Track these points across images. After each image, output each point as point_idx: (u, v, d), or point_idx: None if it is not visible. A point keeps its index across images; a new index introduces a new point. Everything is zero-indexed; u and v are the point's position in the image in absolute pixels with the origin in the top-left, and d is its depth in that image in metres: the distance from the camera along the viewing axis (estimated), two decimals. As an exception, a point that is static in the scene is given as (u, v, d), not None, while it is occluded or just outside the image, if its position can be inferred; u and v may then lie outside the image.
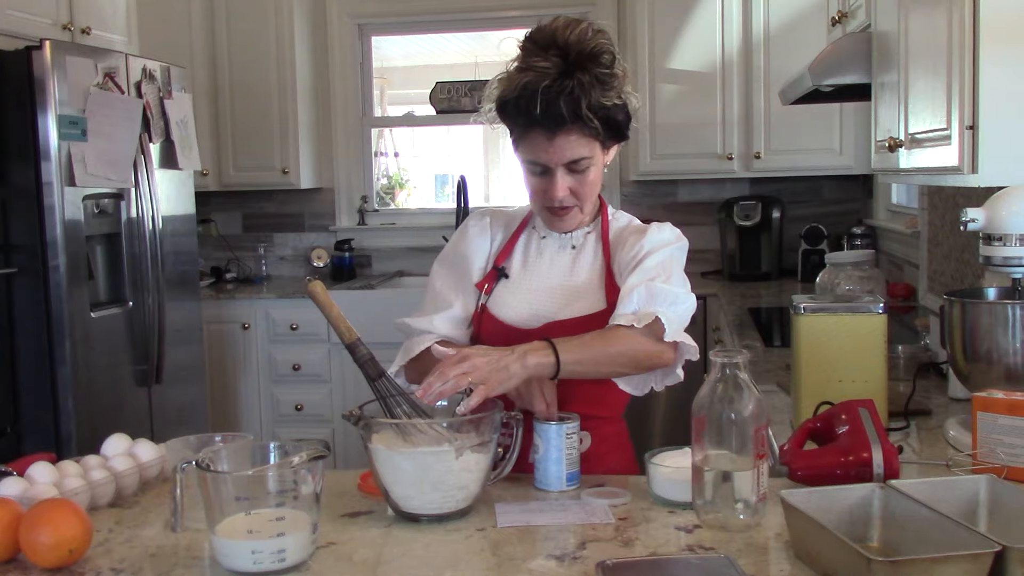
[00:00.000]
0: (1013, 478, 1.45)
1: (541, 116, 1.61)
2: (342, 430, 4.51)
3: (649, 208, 5.01)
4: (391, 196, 5.59)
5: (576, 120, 1.62)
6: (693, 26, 4.53)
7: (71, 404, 3.34)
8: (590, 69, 1.62)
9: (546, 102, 1.60)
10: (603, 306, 1.74)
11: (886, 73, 2.21)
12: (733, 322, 3.48)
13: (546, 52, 1.62)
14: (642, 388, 1.72)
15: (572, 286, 1.78)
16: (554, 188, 1.69)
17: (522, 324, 1.75)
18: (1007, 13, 1.59)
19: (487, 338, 1.76)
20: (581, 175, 1.70)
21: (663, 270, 1.70)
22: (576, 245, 1.82)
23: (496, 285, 1.81)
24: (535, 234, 1.85)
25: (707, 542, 1.34)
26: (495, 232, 1.88)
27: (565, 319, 1.73)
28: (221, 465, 1.35)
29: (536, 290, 1.79)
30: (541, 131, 1.64)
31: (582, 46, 1.62)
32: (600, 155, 1.72)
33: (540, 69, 1.61)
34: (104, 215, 3.57)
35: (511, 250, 1.84)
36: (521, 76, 1.63)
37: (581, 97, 1.61)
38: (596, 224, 1.83)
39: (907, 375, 2.25)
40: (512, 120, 1.69)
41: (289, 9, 4.80)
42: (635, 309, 1.64)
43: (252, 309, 4.66)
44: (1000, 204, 1.68)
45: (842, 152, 4.45)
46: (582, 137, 1.65)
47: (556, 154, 1.66)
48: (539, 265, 1.82)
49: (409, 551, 1.34)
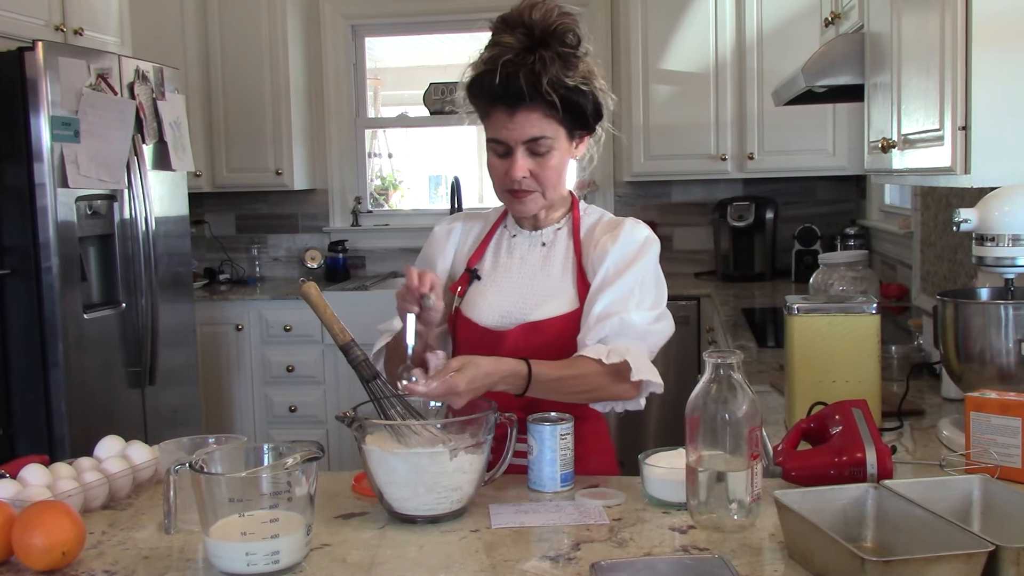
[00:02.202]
0: (1006, 478, 1.46)
1: (501, 89, 1.64)
2: (336, 431, 4.51)
3: (643, 209, 5.01)
4: (385, 197, 5.59)
5: (536, 96, 1.65)
6: (686, 27, 4.54)
7: (64, 406, 3.33)
8: (553, 46, 1.66)
9: (506, 75, 1.63)
10: (575, 306, 1.76)
11: (879, 74, 2.21)
12: (727, 322, 3.48)
13: (513, 30, 1.67)
14: (602, 408, 1.79)
15: (543, 286, 1.79)
16: (514, 168, 1.71)
17: (495, 326, 1.77)
18: (999, 14, 1.59)
19: (463, 341, 1.79)
20: (542, 158, 1.71)
21: (638, 289, 1.72)
22: (547, 242, 1.83)
23: (469, 287, 1.83)
24: (506, 233, 1.87)
25: (701, 543, 1.34)
26: (466, 234, 1.90)
27: (537, 320, 1.75)
28: (215, 467, 1.35)
29: (507, 291, 1.80)
30: (502, 107, 1.67)
31: (546, 24, 1.66)
32: (564, 142, 1.73)
33: (504, 44, 1.65)
34: (97, 216, 3.56)
35: (484, 251, 1.86)
36: (487, 52, 1.69)
37: (542, 72, 1.63)
38: (567, 221, 1.84)
39: (900, 375, 2.25)
40: (478, 100, 1.72)
41: (282, 10, 4.79)
42: (605, 343, 1.66)
43: (245, 310, 4.65)
44: (993, 204, 1.69)
45: (835, 153, 4.46)
46: (543, 117, 1.68)
47: (516, 130, 1.68)
48: (510, 264, 1.83)
49: (403, 552, 1.34)
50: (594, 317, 1.69)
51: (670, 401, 4.37)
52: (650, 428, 4.36)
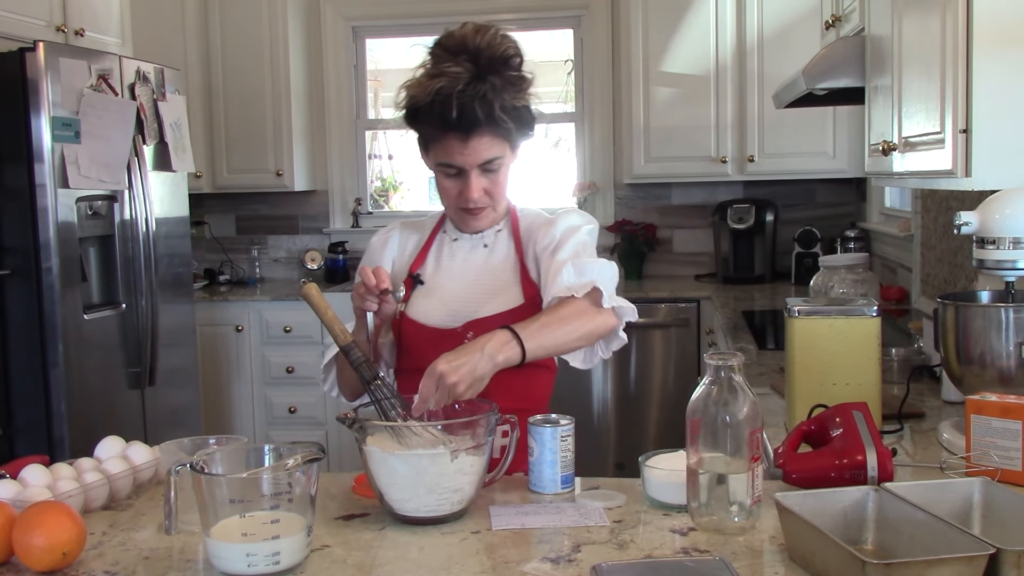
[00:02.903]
0: (1006, 481, 1.46)
1: (457, 120, 1.66)
2: (336, 432, 4.51)
3: (643, 211, 5.02)
4: (385, 198, 5.59)
5: (490, 122, 1.67)
6: (687, 29, 4.54)
7: (64, 406, 3.33)
8: (501, 72, 1.67)
9: (461, 105, 1.65)
10: (521, 301, 1.79)
11: (880, 77, 2.21)
12: (727, 325, 3.48)
13: (456, 57, 1.67)
14: (591, 360, 1.77)
15: (488, 283, 1.82)
16: (469, 189, 1.74)
17: (441, 324, 1.79)
18: (1000, 17, 1.59)
19: (408, 342, 1.81)
20: (494, 174, 1.76)
21: (583, 250, 1.77)
22: (488, 244, 1.86)
23: (413, 292, 1.85)
24: (446, 238, 1.90)
25: (702, 545, 1.34)
26: (404, 242, 1.93)
27: (484, 316, 1.77)
28: (215, 468, 1.35)
29: (452, 291, 1.83)
30: (456, 134, 1.69)
31: (492, 50, 1.67)
32: (509, 155, 1.77)
33: (452, 74, 1.65)
34: (97, 217, 3.56)
35: (425, 257, 1.89)
36: (433, 82, 1.67)
37: (494, 100, 1.66)
38: (506, 221, 1.88)
39: (901, 378, 2.25)
40: (425, 125, 1.74)
41: (283, 11, 4.80)
42: (568, 284, 1.68)
43: (245, 311, 4.65)
44: (993, 207, 1.69)
45: (835, 155, 4.46)
46: (495, 138, 1.71)
47: (471, 156, 1.71)
48: (453, 267, 1.86)
49: (404, 554, 1.34)
50: (552, 272, 1.72)
51: (670, 403, 4.41)
52: (650, 430, 4.36)
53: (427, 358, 1.54)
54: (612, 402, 4.35)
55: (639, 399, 4.35)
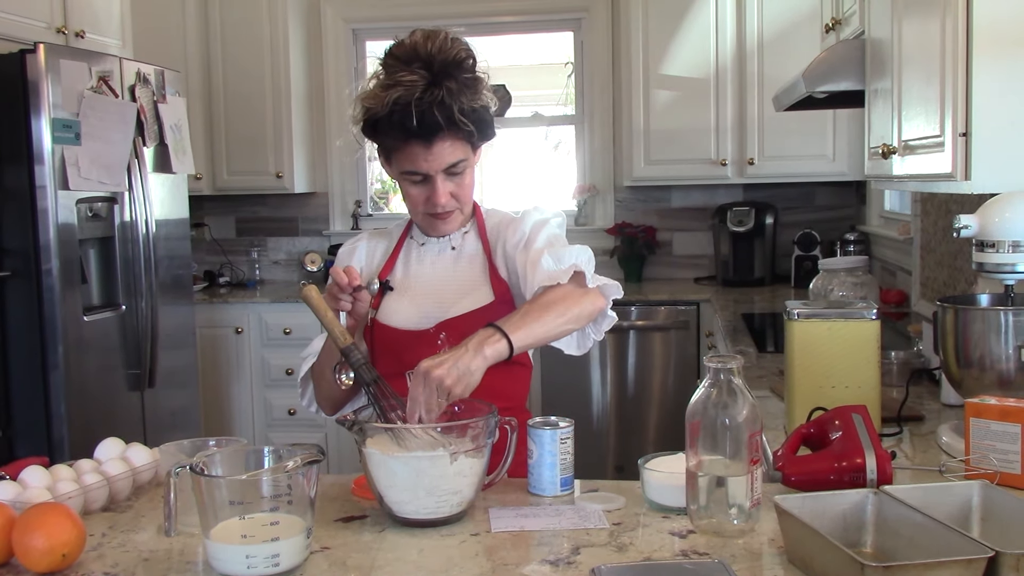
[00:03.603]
0: (1006, 484, 1.46)
1: (418, 127, 1.66)
2: (335, 435, 4.51)
3: (643, 213, 5.02)
4: (385, 201, 5.59)
5: (451, 126, 1.68)
6: (687, 32, 4.54)
7: (64, 408, 3.33)
8: (456, 76, 1.68)
9: (420, 113, 1.65)
10: (491, 299, 1.80)
11: (879, 80, 2.22)
12: (726, 327, 3.48)
13: (410, 66, 1.67)
14: (584, 345, 1.76)
15: (457, 284, 1.83)
16: (436, 194, 1.75)
17: (413, 327, 1.80)
18: (1000, 21, 1.60)
19: (380, 346, 1.82)
20: (459, 177, 1.77)
21: (555, 240, 1.78)
22: (456, 246, 1.87)
23: (383, 298, 1.85)
24: (414, 243, 1.91)
25: (701, 547, 1.34)
26: (372, 252, 1.94)
27: (455, 316, 1.78)
28: (215, 469, 1.35)
29: (422, 294, 1.83)
30: (418, 142, 1.69)
31: (444, 55, 1.68)
32: (472, 157, 1.78)
33: (408, 83, 1.66)
34: (97, 219, 3.56)
35: (393, 263, 1.89)
36: (389, 92, 1.67)
37: (452, 104, 1.66)
38: (472, 224, 1.89)
39: (900, 381, 2.25)
40: (385, 136, 1.74)
41: (283, 13, 4.80)
42: (549, 270, 1.68)
43: (245, 313, 4.65)
44: (993, 211, 1.69)
45: (835, 158, 4.46)
46: (457, 141, 1.71)
47: (435, 161, 1.71)
48: (421, 271, 1.87)
49: (403, 556, 1.34)
50: (529, 264, 1.72)
51: (670, 405, 4.41)
52: (650, 432, 4.36)
53: (401, 361, 1.55)
54: (611, 404, 4.35)
55: (638, 401, 4.35)
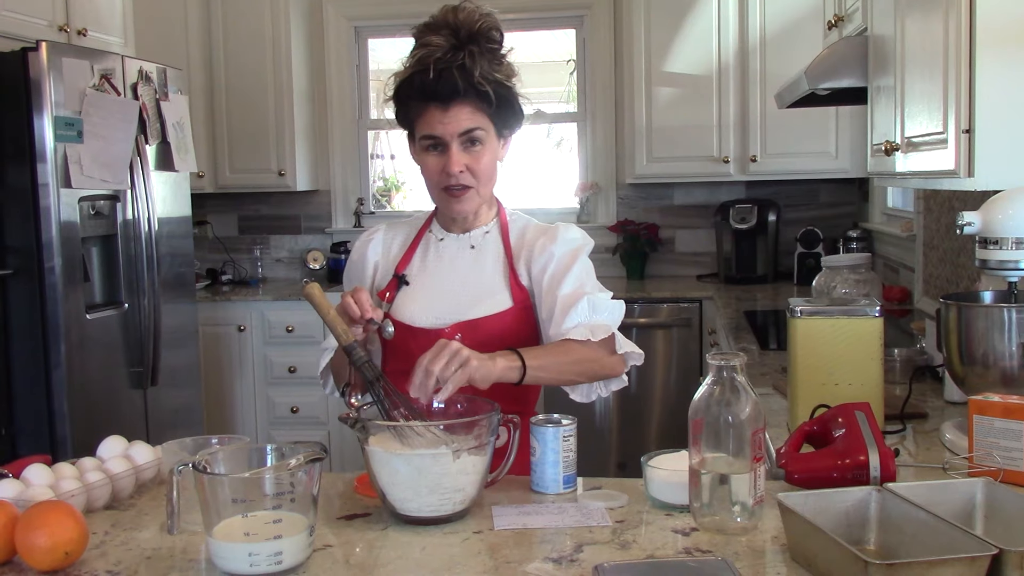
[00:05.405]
0: (1009, 481, 1.46)
1: (435, 83, 1.69)
2: (338, 432, 4.51)
3: (645, 211, 5.02)
4: (387, 198, 5.59)
5: (469, 90, 1.71)
6: (689, 29, 4.54)
7: (66, 406, 3.33)
8: (480, 43, 1.72)
9: (439, 72, 1.69)
10: (509, 304, 1.80)
11: (882, 77, 2.21)
12: (729, 325, 3.48)
13: (438, 32, 1.72)
14: (589, 396, 1.80)
15: (476, 286, 1.82)
16: (450, 162, 1.75)
17: (428, 325, 1.79)
18: (1003, 17, 1.59)
19: (393, 341, 1.80)
20: (476, 151, 1.76)
21: (587, 277, 1.80)
22: (476, 245, 1.87)
23: (398, 292, 1.85)
24: (432, 238, 1.90)
25: (704, 545, 1.34)
26: (390, 242, 1.93)
27: (473, 318, 1.78)
28: (218, 467, 1.35)
29: (439, 292, 1.83)
30: (436, 104, 1.72)
31: (471, 23, 1.72)
32: (494, 139, 1.78)
33: (433, 44, 1.71)
34: (100, 217, 3.56)
35: (411, 256, 1.89)
36: (413, 55, 1.74)
37: (473, 68, 1.70)
38: (495, 224, 1.88)
39: (903, 378, 2.25)
40: (407, 101, 1.76)
41: (285, 11, 4.80)
42: (581, 321, 1.72)
43: (248, 311, 4.65)
44: (996, 207, 1.68)
45: (838, 155, 4.46)
46: (476, 110, 1.73)
47: (451, 124, 1.73)
48: (439, 267, 1.86)
49: (406, 554, 1.34)
50: (562, 302, 1.75)
51: (672, 403, 4.41)
52: (652, 430, 4.36)
53: (414, 359, 1.54)
54: (614, 402, 4.35)
55: (641, 399, 4.35)
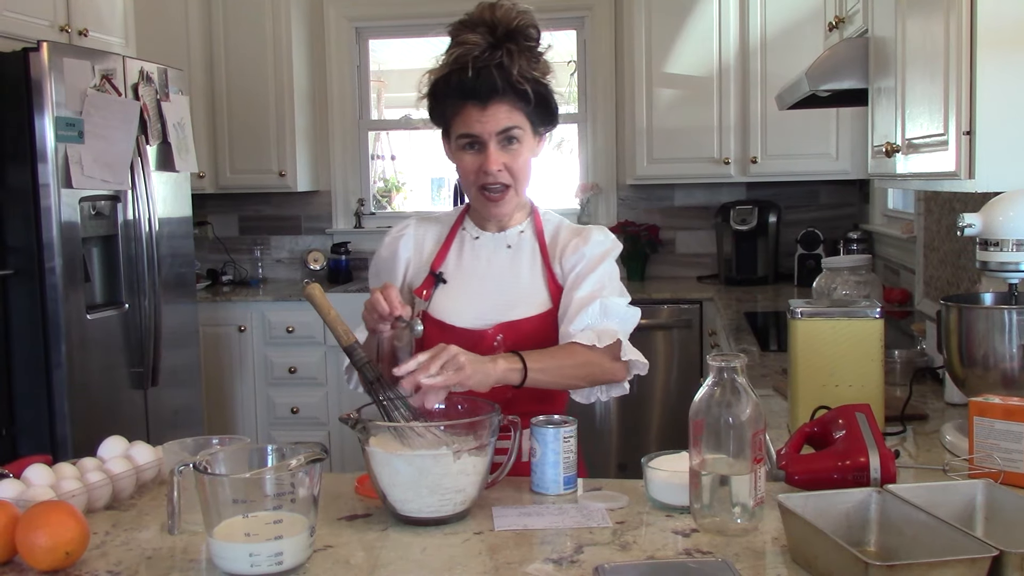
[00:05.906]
0: (1009, 483, 1.46)
1: (473, 81, 1.68)
2: (338, 433, 4.51)
3: (646, 212, 5.02)
4: (388, 199, 5.59)
5: (507, 88, 1.70)
6: (690, 31, 4.54)
7: (67, 406, 3.33)
8: (518, 41, 1.71)
9: (477, 70, 1.68)
10: (550, 306, 1.81)
11: (883, 78, 2.21)
12: (729, 326, 3.48)
13: (475, 29, 1.71)
14: (588, 398, 1.80)
15: (515, 287, 1.83)
16: (488, 161, 1.74)
17: (470, 326, 1.79)
18: (1004, 19, 1.59)
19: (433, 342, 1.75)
20: (514, 150, 1.75)
21: (609, 281, 1.80)
22: (511, 244, 1.86)
23: (435, 290, 1.84)
24: (467, 235, 1.89)
25: (704, 546, 1.34)
26: (422, 239, 1.92)
27: (515, 320, 1.78)
28: (218, 468, 1.35)
29: (479, 292, 1.82)
30: (475, 103, 1.71)
31: (508, 21, 1.71)
32: (530, 137, 1.78)
33: (471, 43, 1.69)
34: (100, 217, 3.56)
35: (446, 254, 1.88)
36: (450, 53, 1.72)
37: (511, 66, 1.69)
38: (529, 224, 1.88)
39: (903, 380, 2.25)
40: (444, 100, 1.75)
41: (286, 12, 4.80)
42: (590, 324, 1.73)
43: (248, 312, 4.65)
44: (997, 209, 1.68)
45: (838, 157, 4.46)
46: (514, 109, 1.73)
47: (490, 123, 1.72)
48: (476, 267, 1.85)
49: (406, 554, 1.34)
50: (576, 303, 1.75)
51: (673, 404, 4.41)
52: (653, 431, 4.36)
53: None
54: (614, 403, 4.34)
55: (641, 400, 4.35)
